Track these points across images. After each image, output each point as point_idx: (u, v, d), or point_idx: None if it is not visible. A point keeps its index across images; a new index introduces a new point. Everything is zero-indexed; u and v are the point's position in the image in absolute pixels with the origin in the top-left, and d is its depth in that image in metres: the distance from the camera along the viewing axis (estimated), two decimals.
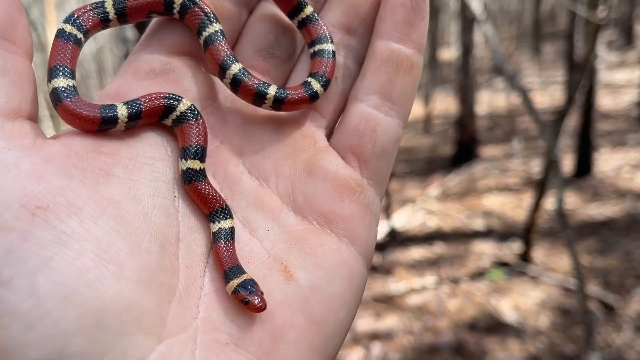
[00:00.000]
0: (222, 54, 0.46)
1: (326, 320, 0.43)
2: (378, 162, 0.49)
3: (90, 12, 0.47)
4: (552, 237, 5.12)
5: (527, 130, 8.86)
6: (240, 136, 0.49)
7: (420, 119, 11.19)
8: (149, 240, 0.39)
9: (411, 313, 4.24)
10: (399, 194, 6.99)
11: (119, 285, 0.35)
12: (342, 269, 0.45)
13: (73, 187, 0.37)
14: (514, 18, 19.81)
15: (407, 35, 0.49)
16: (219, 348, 0.39)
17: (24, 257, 0.33)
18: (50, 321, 0.33)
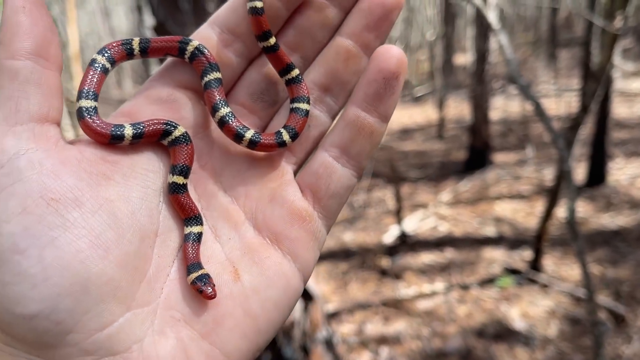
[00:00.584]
0: (215, 98, 0.58)
1: (260, 317, 0.53)
2: (329, 201, 0.59)
3: (119, 47, 0.59)
4: (564, 246, 5.11)
5: (540, 137, 8.83)
6: (222, 160, 0.60)
7: (433, 124, 11.18)
8: (132, 233, 0.50)
9: (420, 318, 4.26)
10: (411, 199, 7.00)
11: (103, 264, 0.47)
12: (280, 279, 0.55)
13: (80, 186, 0.48)
14: (531, 24, 19.71)
15: (374, 107, 0.57)
16: (172, 322, 0.51)
17: (37, 235, 0.45)
18: (50, 284, 0.44)
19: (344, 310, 4.49)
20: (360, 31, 0.59)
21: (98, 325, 0.46)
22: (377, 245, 5.68)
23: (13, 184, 0.45)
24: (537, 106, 2.28)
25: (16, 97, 0.48)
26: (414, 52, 17.75)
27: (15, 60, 0.49)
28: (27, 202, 0.45)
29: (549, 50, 15.12)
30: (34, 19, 0.50)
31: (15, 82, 0.48)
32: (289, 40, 0.61)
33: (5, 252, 0.44)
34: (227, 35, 0.60)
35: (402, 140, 10.43)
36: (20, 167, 0.46)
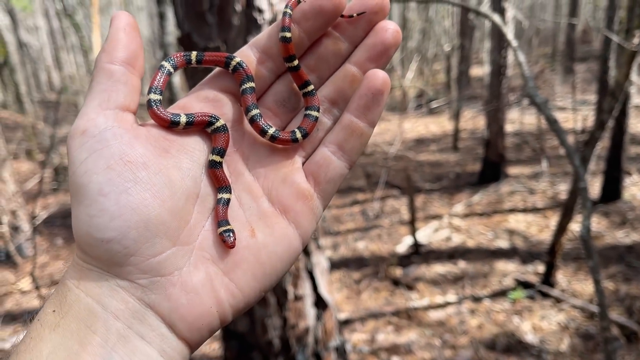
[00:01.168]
0: (249, 102, 0.75)
1: (266, 265, 0.70)
2: (326, 185, 0.75)
3: (181, 57, 0.78)
4: (577, 260, 5.11)
5: (555, 150, 8.80)
6: (250, 148, 0.77)
7: (449, 134, 11.19)
8: (181, 192, 0.66)
9: (431, 329, 4.28)
10: (425, 209, 7.02)
11: (159, 210, 0.63)
12: (285, 239, 0.72)
13: (147, 154, 0.65)
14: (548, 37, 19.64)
15: (364, 115, 0.74)
16: (203, 260, 0.67)
17: (116, 184, 0.61)
18: (122, 219, 0.60)
19: (356, 319, 4.53)
20: (364, 62, 0.76)
21: (152, 253, 0.62)
22: (390, 254, 5.71)
23: (102, 149, 0.62)
24: (554, 124, 2.32)
25: (109, 91, 0.66)
26: (430, 63, 17.76)
27: (113, 64, 0.67)
28: (110, 161, 0.62)
29: (566, 64, 15.07)
30: (130, 37, 0.69)
31: (110, 80, 0.67)
32: (309, 63, 0.78)
33: (94, 194, 0.61)
34: (262, 55, 0.77)
35: (418, 150, 10.45)
36: (107, 137, 0.63)
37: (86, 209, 0.61)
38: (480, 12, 2.80)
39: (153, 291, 0.62)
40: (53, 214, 7.96)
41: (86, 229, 0.61)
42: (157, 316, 0.62)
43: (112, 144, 0.63)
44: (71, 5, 10.96)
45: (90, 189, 0.61)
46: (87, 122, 0.64)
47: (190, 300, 0.64)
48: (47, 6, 22.74)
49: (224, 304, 0.66)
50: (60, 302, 0.61)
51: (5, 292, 5.63)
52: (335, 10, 0.72)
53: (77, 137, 0.64)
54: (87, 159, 0.62)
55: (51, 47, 24.74)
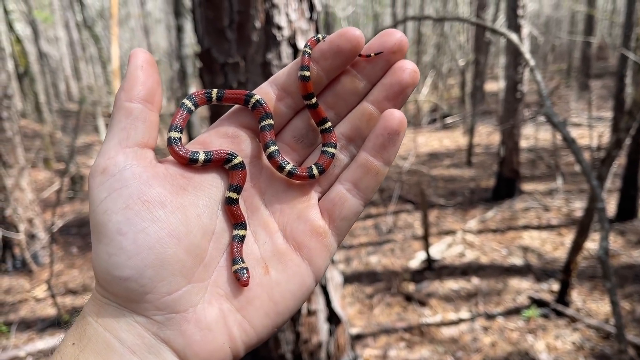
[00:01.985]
0: (267, 138, 0.77)
1: (279, 303, 0.71)
2: (341, 222, 0.76)
3: (202, 95, 0.80)
4: (592, 279, 5.05)
5: (570, 166, 8.74)
6: (267, 183, 0.78)
7: (462, 149, 11.16)
8: (197, 230, 0.68)
9: (444, 346, 4.25)
10: (439, 225, 6.99)
11: (175, 249, 0.65)
12: (298, 277, 0.72)
13: (164, 193, 0.66)
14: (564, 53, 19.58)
15: (380, 154, 0.75)
16: (217, 296, 0.68)
17: (134, 224, 0.63)
18: (139, 258, 0.62)
19: (368, 334, 4.51)
20: (381, 101, 0.77)
21: (168, 291, 0.64)
22: (403, 269, 5.69)
23: (121, 188, 0.64)
24: (572, 143, 2.31)
25: (128, 129, 0.68)
26: (445, 78, 17.76)
27: (132, 102, 0.69)
28: (129, 201, 0.64)
29: (581, 80, 15.00)
30: (147, 75, 0.71)
31: (129, 118, 0.69)
32: (327, 100, 0.79)
33: (112, 233, 0.63)
34: (281, 92, 0.79)
35: (431, 164, 10.43)
36: (126, 176, 0.65)
37: (105, 247, 0.63)
38: (498, 31, 2.82)
39: (168, 327, 0.64)
40: (69, 223, 8.04)
41: (105, 266, 0.63)
42: (172, 351, 0.64)
43: (130, 183, 0.65)
44: (91, 17, 11.13)
45: (109, 228, 0.63)
46: (107, 160, 0.66)
47: (204, 337, 0.66)
48: (68, 18, 23.14)
49: (237, 341, 0.68)
50: (80, 335, 0.63)
51: (20, 299, 5.68)
52: (354, 50, 0.73)
53: (97, 176, 0.65)
54: (106, 198, 0.64)
55: (70, 58, 25.12)
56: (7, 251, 6.33)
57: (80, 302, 5.55)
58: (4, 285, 6.01)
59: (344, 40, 0.73)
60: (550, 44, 18.33)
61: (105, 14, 17.72)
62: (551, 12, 24.43)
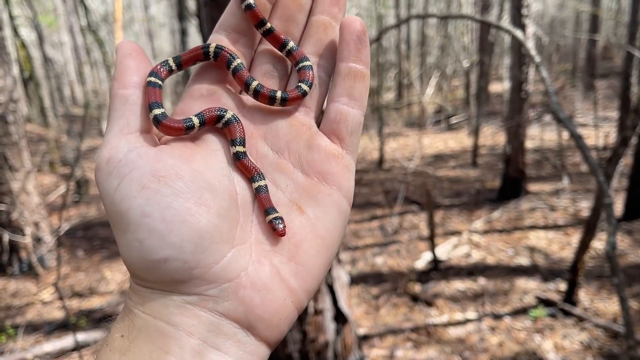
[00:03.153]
0: (245, 77, 0.74)
1: (326, 237, 0.68)
2: (350, 138, 0.74)
3: (160, 67, 0.74)
4: (600, 279, 5.03)
5: (576, 166, 8.71)
6: (264, 127, 0.75)
7: (467, 150, 11.14)
8: (222, 192, 0.65)
9: (451, 346, 4.23)
10: (444, 225, 6.98)
11: (208, 216, 0.61)
12: (333, 205, 0.70)
13: (177, 164, 0.63)
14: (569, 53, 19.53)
15: (358, 57, 0.74)
16: (264, 253, 0.65)
17: (157, 202, 0.60)
18: (174, 234, 0.59)
19: (375, 335, 4.50)
20: (328, 7, 0.76)
21: (213, 260, 0.61)
22: (409, 270, 5.68)
23: (131, 171, 0.62)
24: (579, 140, 2.30)
25: (127, 116, 0.67)
26: (449, 79, 17.75)
27: (127, 89, 0.68)
28: (143, 181, 0.61)
29: (587, 80, 14.96)
30: (137, 61, 0.70)
31: (126, 104, 0.67)
32: (279, 27, 0.76)
33: (138, 218, 0.59)
34: (233, 35, 0.76)
35: (436, 165, 10.42)
36: (132, 158, 0.63)
37: (133, 235, 0.59)
38: (504, 29, 2.81)
39: (224, 299, 0.61)
40: (74, 226, 8.07)
41: (138, 254, 0.59)
42: (233, 323, 0.61)
43: (139, 164, 0.62)
44: (95, 22, 11.18)
45: (131, 214, 0.60)
46: (110, 149, 0.64)
47: (264, 298, 0.63)
48: (72, 22, 23.25)
49: (297, 292, 0.65)
50: (128, 327, 0.60)
51: (27, 302, 5.70)
52: None
53: (103, 167, 0.63)
54: (119, 185, 0.61)
55: (75, 63, 25.24)
56: (13, 254, 6.36)
57: (87, 304, 5.57)
58: (10, 289, 6.03)
59: None
60: (555, 44, 18.29)
61: (109, 19, 17.80)
62: (555, 12, 24.39)
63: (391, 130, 14.56)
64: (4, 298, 5.82)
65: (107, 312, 5.32)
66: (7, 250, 6.32)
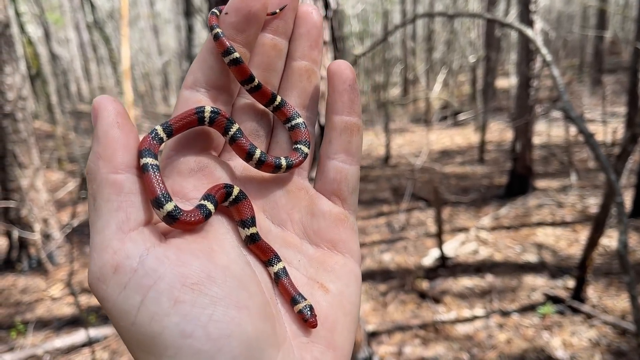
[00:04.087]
0: (247, 146, 0.66)
1: (352, 311, 0.64)
2: (351, 197, 0.70)
3: (150, 140, 0.61)
4: (608, 276, 5.02)
5: (584, 163, 8.68)
6: (260, 199, 0.69)
7: (474, 147, 11.11)
8: (252, 285, 0.57)
9: (459, 343, 4.24)
10: (451, 222, 6.97)
11: (252, 321, 0.53)
12: (351, 275, 0.66)
13: (204, 264, 0.54)
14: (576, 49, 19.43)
15: (352, 109, 0.69)
16: (304, 346, 0.59)
17: (196, 317, 0.51)
18: (224, 352, 0.50)
19: (383, 331, 4.51)
20: (308, 52, 0.70)
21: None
22: (416, 267, 5.68)
23: (155, 282, 0.51)
24: (590, 138, 2.30)
25: (125, 207, 0.55)
26: (456, 75, 17.69)
27: (118, 174, 0.56)
28: (174, 293, 0.51)
29: (594, 76, 14.88)
30: (125, 132, 0.57)
31: (121, 194, 0.55)
32: (260, 79, 0.69)
33: (178, 340, 0.50)
34: (212, 92, 0.66)
35: (443, 162, 10.40)
36: (152, 266, 0.52)
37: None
38: (514, 26, 2.80)
39: None
40: (83, 222, 8.11)
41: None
42: None
43: (162, 271, 0.52)
44: (101, 18, 11.21)
45: (167, 337, 0.50)
46: (114, 255, 0.53)
47: None
48: (78, 19, 23.30)
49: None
50: None
51: (36, 298, 5.74)
52: (264, 7, 0.64)
53: (110, 279, 0.52)
54: (144, 302, 0.51)
55: (81, 59, 25.31)
56: (23, 251, 6.40)
57: (96, 301, 5.60)
58: (20, 285, 6.08)
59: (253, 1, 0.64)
60: (562, 40, 18.20)
61: (115, 15, 17.84)
62: (562, 7, 24.26)
63: (397, 126, 14.55)
64: (13, 294, 5.86)
65: None
66: (17, 246, 6.38)
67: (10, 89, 5.93)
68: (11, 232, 6.24)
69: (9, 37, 5.96)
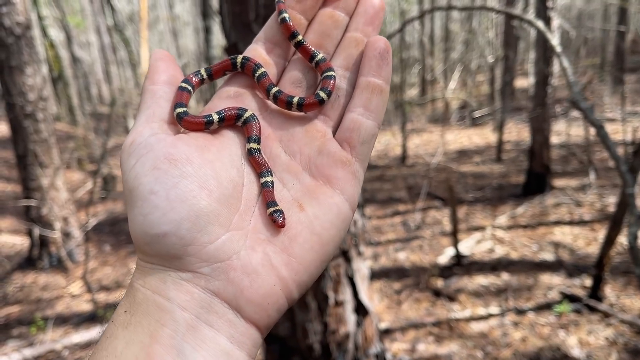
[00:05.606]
0: (266, 83, 0.79)
1: (322, 234, 0.71)
2: (361, 147, 0.77)
3: (192, 76, 0.83)
4: (627, 274, 4.95)
5: (604, 162, 8.56)
6: (281, 131, 0.80)
7: (492, 146, 11.03)
8: (227, 181, 0.70)
9: (473, 340, 4.22)
10: (468, 221, 6.94)
11: (208, 200, 0.66)
12: (333, 207, 0.73)
13: (190, 151, 0.69)
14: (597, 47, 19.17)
15: (378, 73, 0.78)
16: (259, 241, 0.69)
17: (165, 181, 0.65)
18: (174, 212, 0.64)
19: (397, 329, 4.51)
20: (363, 26, 0.81)
21: (207, 240, 0.65)
22: (431, 265, 5.66)
23: (147, 152, 0.68)
24: (599, 129, 2.28)
25: (153, 107, 0.75)
26: (474, 75, 17.57)
27: (155, 85, 0.77)
28: (156, 162, 0.67)
29: (615, 75, 14.65)
30: (167, 63, 0.80)
31: (153, 98, 0.76)
32: (314, 41, 0.82)
33: (145, 194, 0.65)
34: (268, 45, 0.83)
35: (460, 161, 10.34)
36: (151, 142, 0.69)
37: (139, 210, 0.65)
38: (524, 18, 2.79)
39: (215, 278, 0.65)
40: (102, 222, 8.23)
41: (141, 228, 0.64)
42: (224, 302, 0.65)
43: (156, 146, 0.68)
44: (121, 21, 11.36)
45: (141, 190, 0.65)
46: (135, 134, 0.71)
47: (253, 281, 0.66)
48: (99, 23, 23.64)
49: (287, 280, 0.68)
50: (130, 303, 0.64)
51: (56, 295, 5.85)
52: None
53: (126, 149, 0.70)
54: (135, 164, 0.67)
55: (102, 62, 25.67)
56: (43, 249, 6.53)
57: (114, 297, 5.69)
58: (40, 282, 6.19)
59: None
60: (583, 38, 17.96)
61: (135, 18, 18.06)
62: (583, 5, 23.94)
63: (414, 126, 14.50)
64: (34, 291, 5.98)
65: None
66: (38, 244, 6.49)
67: (32, 90, 6.05)
68: (32, 230, 6.36)
69: (30, 39, 6.08)
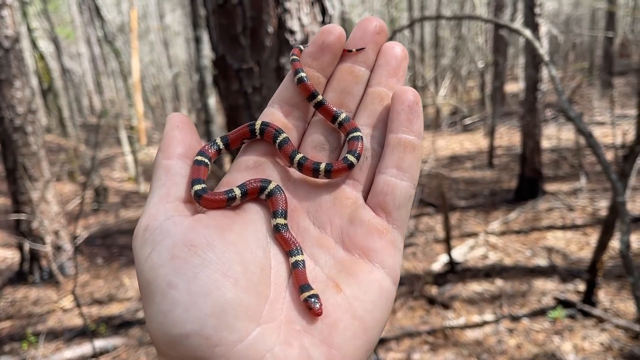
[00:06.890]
0: (289, 150, 0.74)
1: (365, 318, 0.63)
2: (398, 212, 0.70)
3: (208, 147, 0.76)
4: (620, 279, 4.95)
5: (595, 166, 8.60)
6: (307, 201, 0.74)
7: (484, 151, 11.06)
8: (253, 265, 0.63)
9: (468, 348, 4.20)
10: (461, 227, 6.93)
11: (235, 290, 0.58)
12: (374, 284, 0.65)
13: (210, 234, 0.62)
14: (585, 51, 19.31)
15: (409, 128, 0.71)
16: (295, 333, 0.60)
17: (184, 272, 0.58)
18: (197, 308, 0.56)
19: (391, 338, 4.48)
20: (386, 79, 0.76)
21: (237, 338, 0.56)
22: (425, 273, 5.65)
23: (164, 239, 0.61)
24: (589, 137, 2.28)
25: (168, 185, 0.68)
26: (464, 81, 17.65)
27: (170, 160, 0.70)
28: (174, 250, 0.60)
29: (604, 78, 14.76)
30: (183, 132, 0.73)
31: (168, 174, 0.69)
32: (334, 100, 0.77)
33: (163, 288, 0.57)
34: (286, 108, 0.78)
35: (452, 167, 10.36)
36: (167, 227, 0.62)
37: (158, 306, 0.57)
38: (512, 28, 2.80)
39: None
40: (93, 234, 8.17)
41: (162, 327, 0.56)
42: None
43: (173, 232, 0.61)
44: (111, 33, 11.33)
45: (158, 284, 0.58)
46: (148, 218, 0.64)
47: None
48: (89, 34, 23.60)
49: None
50: None
51: (48, 310, 5.79)
52: (338, 41, 0.74)
53: (140, 235, 0.63)
54: (151, 253, 0.60)
55: (92, 73, 25.60)
56: (34, 263, 6.46)
57: (106, 311, 5.64)
58: (32, 297, 6.13)
59: (326, 34, 0.74)
60: (571, 43, 18.10)
61: (125, 29, 18.04)
62: (571, 10, 24.15)
63: None
64: (25, 306, 5.91)
65: (126, 319, 5.38)
66: (28, 259, 6.43)
67: (20, 103, 6.01)
68: (23, 244, 6.30)
69: (18, 51, 6.05)
